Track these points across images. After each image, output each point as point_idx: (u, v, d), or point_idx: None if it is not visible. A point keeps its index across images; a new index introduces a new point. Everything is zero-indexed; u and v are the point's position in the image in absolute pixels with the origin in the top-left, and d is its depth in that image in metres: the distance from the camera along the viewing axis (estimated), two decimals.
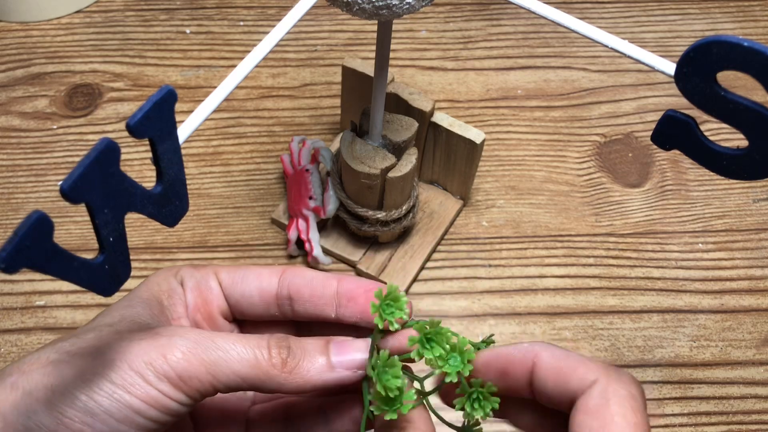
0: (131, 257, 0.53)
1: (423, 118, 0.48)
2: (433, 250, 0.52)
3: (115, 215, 0.25)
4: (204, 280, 0.34)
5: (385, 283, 0.50)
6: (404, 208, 0.48)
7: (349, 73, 0.50)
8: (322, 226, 0.52)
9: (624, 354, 0.49)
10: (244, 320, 0.35)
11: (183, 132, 0.27)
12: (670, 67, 0.31)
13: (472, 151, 0.48)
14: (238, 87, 0.63)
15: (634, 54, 0.32)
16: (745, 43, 0.27)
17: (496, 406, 0.29)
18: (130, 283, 0.27)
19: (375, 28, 0.40)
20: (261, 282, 0.34)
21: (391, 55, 0.60)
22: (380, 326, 0.30)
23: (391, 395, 0.29)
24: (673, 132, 0.32)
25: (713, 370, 0.49)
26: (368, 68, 0.49)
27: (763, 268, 0.53)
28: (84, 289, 0.25)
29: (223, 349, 0.29)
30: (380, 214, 0.48)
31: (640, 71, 0.63)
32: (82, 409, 0.28)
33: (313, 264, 0.51)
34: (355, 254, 0.51)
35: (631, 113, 0.61)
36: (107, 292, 0.26)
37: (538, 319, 0.50)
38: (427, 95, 0.49)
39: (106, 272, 0.25)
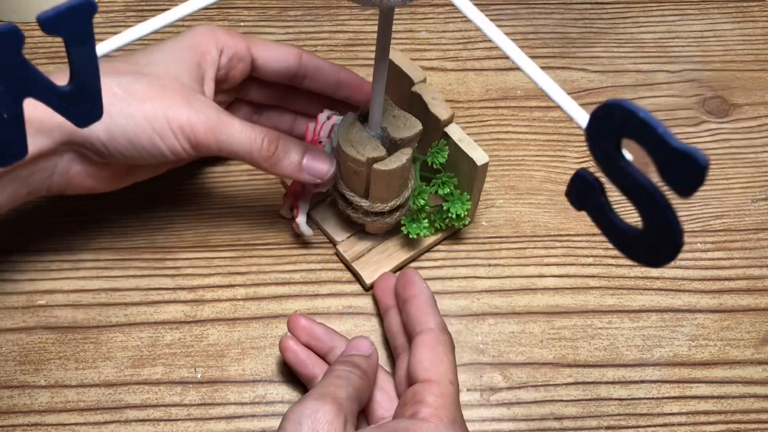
0: (133, 256, 0.54)
1: (438, 125, 0.48)
2: (414, 259, 0.53)
3: (12, 96, 0.26)
4: (239, 53, 0.48)
5: (357, 272, 0.51)
6: (389, 204, 0.48)
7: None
8: (321, 201, 0.53)
9: (623, 353, 0.50)
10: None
11: (104, 47, 0.28)
12: (583, 119, 0.28)
13: (473, 171, 0.48)
14: None
15: (556, 97, 0.30)
16: (640, 114, 0.24)
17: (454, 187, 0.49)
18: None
19: (374, 28, 0.41)
20: (287, 62, 0.50)
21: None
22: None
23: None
24: (582, 193, 0.29)
25: (712, 370, 0.49)
26: (404, 62, 0.49)
27: (762, 268, 0.54)
28: None
29: (231, 135, 0.44)
30: (364, 203, 0.48)
31: (639, 72, 0.63)
32: (124, 136, 0.42)
33: (295, 230, 0.51)
34: (339, 235, 0.52)
35: None
36: None
37: (537, 319, 0.51)
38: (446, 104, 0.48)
39: None
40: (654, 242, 0.27)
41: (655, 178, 0.26)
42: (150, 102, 0.42)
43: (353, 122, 0.46)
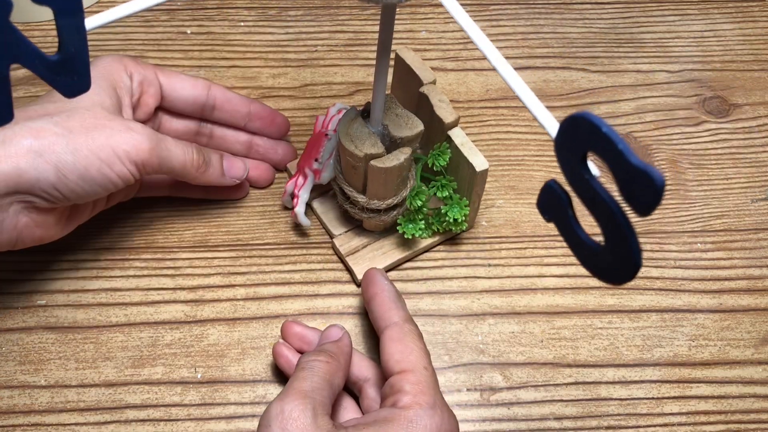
0: (132, 256, 0.54)
1: (441, 127, 0.48)
2: (408, 259, 0.53)
3: None
4: (147, 78, 0.49)
5: (350, 267, 0.51)
6: (386, 202, 0.48)
7: (399, 62, 0.51)
8: (323, 193, 0.53)
9: (623, 353, 0.50)
10: (162, 108, 0.52)
11: (94, 21, 0.28)
12: (554, 129, 0.28)
13: (472, 176, 0.48)
14: (238, 87, 0.63)
15: (529, 104, 0.30)
16: (603, 129, 0.24)
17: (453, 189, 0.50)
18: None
19: (375, 29, 0.41)
20: (195, 91, 0.51)
21: (391, 55, 0.60)
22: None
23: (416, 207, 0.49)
24: (551, 204, 0.29)
25: (712, 370, 0.49)
26: (416, 62, 0.50)
27: (762, 268, 0.54)
28: None
29: (169, 151, 0.46)
30: (361, 198, 0.48)
31: (639, 72, 0.63)
32: (74, 173, 0.42)
33: (293, 219, 0.52)
34: (337, 228, 0.52)
35: (630, 113, 0.61)
36: None
37: (537, 319, 0.51)
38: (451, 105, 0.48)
39: None
40: (614, 260, 0.26)
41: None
42: (91, 134, 0.43)
43: (355, 117, 0.47)
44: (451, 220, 0.49)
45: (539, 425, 0.47)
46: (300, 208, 0.51)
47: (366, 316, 0.50)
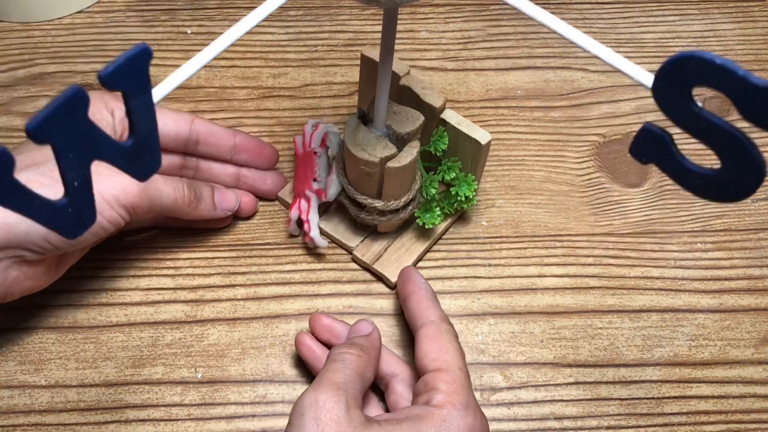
0: (133, 256, 0.54)
1: (433, 113, 0.48)
2: (430, 248, 0.53)
3: (81, 161, 0.25)
4: None
5: (380, 273, 0.51)
6: (403, 200, 0.49)
7: (366, 62, 0.51)
8: (325, 210, 0.53)
9: (623, 353, 0.50)
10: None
11: (158, 92, 0.28)
12: (648, 79, 0.30)
13: (477, 151, 0.48)
14: (238, 87, 0.63)
15: (615, 62, 0.32)
16: (718, 61, 0.27)
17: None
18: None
19: (374, 28, 0.41)
20: (177, 126, 0.49)
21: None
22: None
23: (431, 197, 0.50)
24: (649, 146, 0.31)
25: (712, 370, 0.49)
26: None
27: (762, 268, 0.54)
28: (48, 228, 0.26)
29: (159, 190, 0.46)
30: (378, 203, 0.48)
31: None
32: None
33: (309, 244, 0.51)
34: (353, 240, 0.52)
35: (630, 113, 0.61)
36: (71, 234, 0.27)
37: (537, 319, 0.51)
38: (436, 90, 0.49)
39: (69, 215, 0.26)
40: (734, 178, 0.29)
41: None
42: None
43: (357, 126, 0.46)
44: (463, 198, 0.50)
45: (539, 425, 0.47)
46: (315, 232, 0.50)
47: (366, 317, 0.50)
